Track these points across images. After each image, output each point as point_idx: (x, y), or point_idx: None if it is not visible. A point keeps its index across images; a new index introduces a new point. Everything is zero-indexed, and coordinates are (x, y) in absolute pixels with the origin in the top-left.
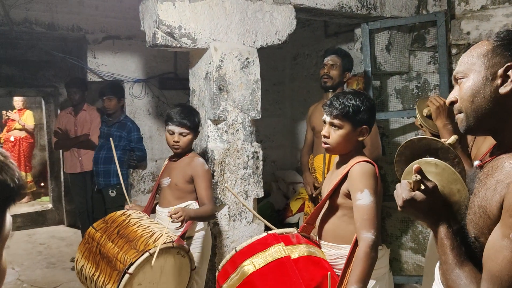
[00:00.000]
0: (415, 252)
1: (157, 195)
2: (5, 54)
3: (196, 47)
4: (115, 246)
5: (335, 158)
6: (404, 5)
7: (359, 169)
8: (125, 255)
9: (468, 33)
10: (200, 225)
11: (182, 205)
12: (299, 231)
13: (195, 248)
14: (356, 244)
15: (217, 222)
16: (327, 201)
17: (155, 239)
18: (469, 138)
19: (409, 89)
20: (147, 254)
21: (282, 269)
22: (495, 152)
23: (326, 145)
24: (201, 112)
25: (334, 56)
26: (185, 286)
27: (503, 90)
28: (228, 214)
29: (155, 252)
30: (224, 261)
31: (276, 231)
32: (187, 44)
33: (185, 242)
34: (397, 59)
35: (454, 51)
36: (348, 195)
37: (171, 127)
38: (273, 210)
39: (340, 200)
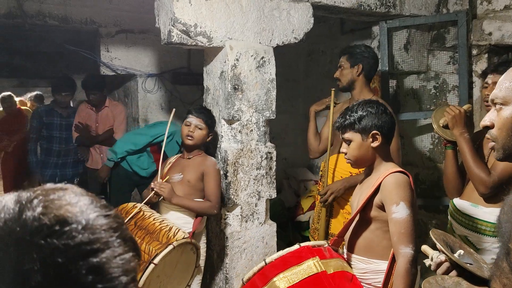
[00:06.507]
0: None
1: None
2: (18, 46)
3: (211, 45)
4: (136, 237)
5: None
6: (424, 4)
7: (393, 180)
8: (150, 246)
9: (490, 33)
10: (203, 223)
11: None
12: (330, 244)
13: (203, 244)
14: (393, 260)
15: (229, 222)
16: (358, 214)
17: (174, 233)
18: (487, 150)
19: (427, 89)
20: (171, 246)
21: (319, 285)
22: None
23: (349, 161)
24: (215, 112)
25: (341, 57)
26: (188, 282)
27: None
28: (241, 215)
29: (179, 244)
30: (251, 273)
31: (309, 243)
32: (202, 43)
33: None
34: (415, 59)
35: (474, 51)
36: (381, 208)
37: (189, 119)
38: (283, 207)
39: (374, 213)
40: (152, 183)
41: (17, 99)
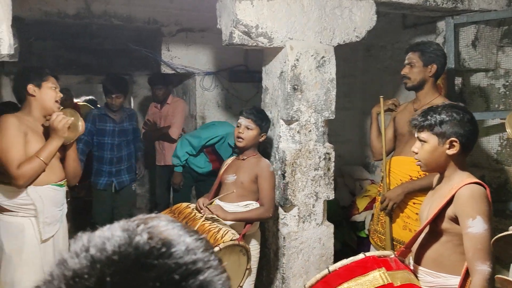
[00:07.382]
0: None
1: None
2: (84, 44)
3: (272, 46)
4: None
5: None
6: None
7: (469, 192)
8: None
9: None
10: (256, 225)
11: (243, 203)
12: (396, 255)
13: (254, 245)
14: (466, 276)
15: (286, 223)
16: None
17: (222, 234)
18: None
19: (495, 88)
20: (217, 248)
21: None
22: None
23: (418, 162)
24: (273, 112)
25: (410, 54)
26: (239, 283)
27: None
28: (298, 215)
29: (225, 246)
30: (313, 280)
31: (374, 253)
32: (263, 43)
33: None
34: (483, 55)
35: None
36: (454, 220)
37: (240, 120)
38: (338, 206)
39: (446, 225)
40: (201, 208)
41: (74, 100)
